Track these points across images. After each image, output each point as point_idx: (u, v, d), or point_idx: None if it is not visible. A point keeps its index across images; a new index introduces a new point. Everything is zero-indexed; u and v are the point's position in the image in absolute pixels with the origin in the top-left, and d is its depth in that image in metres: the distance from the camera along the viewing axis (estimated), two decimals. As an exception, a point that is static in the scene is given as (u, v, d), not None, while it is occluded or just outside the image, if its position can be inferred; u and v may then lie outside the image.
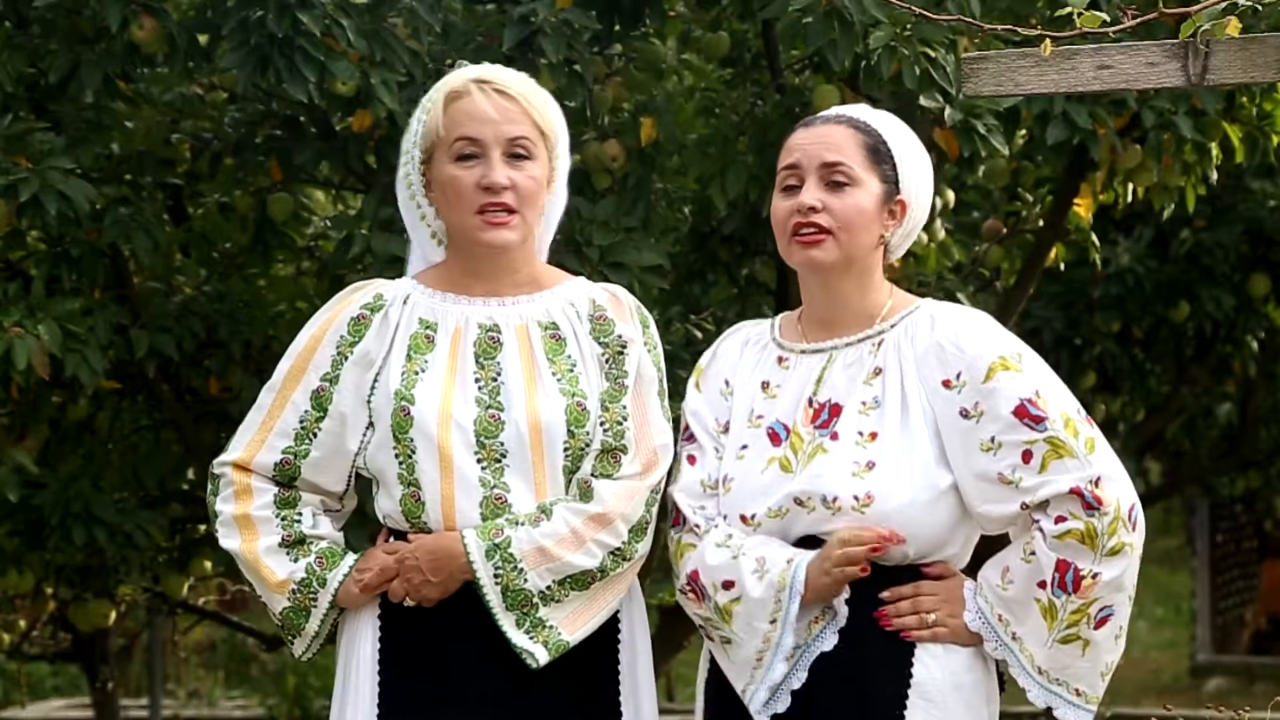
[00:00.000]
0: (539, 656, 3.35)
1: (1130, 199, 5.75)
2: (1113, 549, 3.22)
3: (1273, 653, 13.61)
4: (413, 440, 3.38)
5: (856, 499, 3.28)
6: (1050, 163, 5.99)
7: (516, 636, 3.36)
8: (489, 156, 3.41)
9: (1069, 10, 3.34)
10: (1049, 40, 3.33)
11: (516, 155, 3.42)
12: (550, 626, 3.37)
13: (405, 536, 3.43)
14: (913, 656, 3.30)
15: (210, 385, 5.59)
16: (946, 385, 3.31)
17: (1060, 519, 3.22)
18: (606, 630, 3.45)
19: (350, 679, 3.44)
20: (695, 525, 3.40)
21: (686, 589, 3.39)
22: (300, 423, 3.45)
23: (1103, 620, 3.26)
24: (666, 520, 3.51)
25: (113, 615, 6.50)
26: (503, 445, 3.39)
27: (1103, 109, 5.14)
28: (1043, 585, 3.24)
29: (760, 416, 3.42)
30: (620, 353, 3.49)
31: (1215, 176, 5.56)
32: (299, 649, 3.50)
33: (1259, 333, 8.25)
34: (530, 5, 4.95)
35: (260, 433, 3.47)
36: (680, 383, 5.08)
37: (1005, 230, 6.28)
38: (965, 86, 3.49)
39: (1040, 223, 6.09)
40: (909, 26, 4.67)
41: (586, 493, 3.41)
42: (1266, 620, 13.91)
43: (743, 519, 3.37)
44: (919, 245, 5.68)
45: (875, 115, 3.44)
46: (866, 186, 3.36)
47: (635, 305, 3.56)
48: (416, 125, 3.48)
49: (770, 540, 3.34)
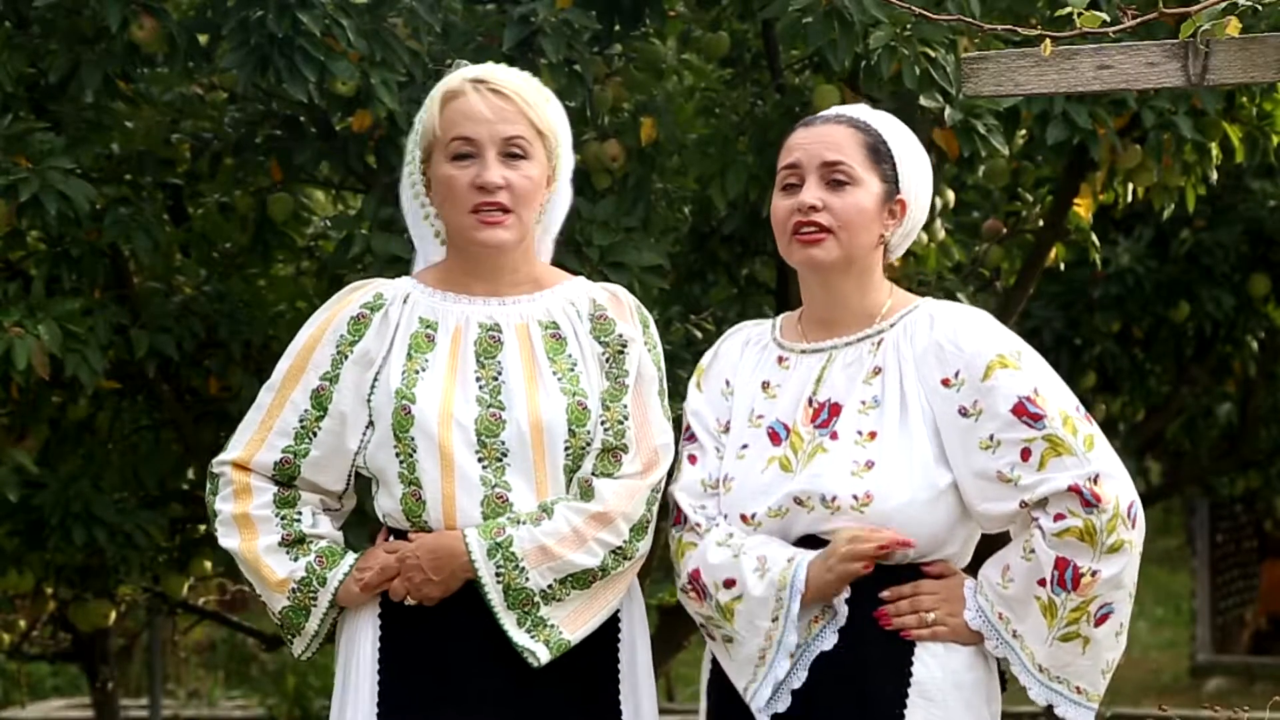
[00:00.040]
0: (540, 655, 3.35)
1: (1130, 199, 5.75)
2: (1112, 546, 3.22)
3: (1273, 653, 13.61)
4: (413, 439, 3.38)
5: (855, 498, 3.28)
6: (1050, 163, 5.98)
7: (518, 635, 3.36)
8: (484, 156, 3.41)
9: (1069, 10, 3.34)
10: (1049, 40, 3.33)
11: (512, 155, 3.42)
12: (551, 625, 3.37)
13: (405, 535, 3.43)
14: (912, 655, 3.30)
15: (210, 385, 5.59)
16: (945, 384, 3.31)
17: (1059, 516, 3.22)
18: (606, 629, 3.45)
19: (350, 678, 3.44)
20: (696, 524, 3.40)
21: (688, 588, 3.39)
22: (300, 422, 3.46)
23: (1103, 618, 3.26)
24: (667, 520, 3.51)
25: (113, 615, 6.50)
26: (504, 444, 3.39)
27: (1103, 109, 5.14)
28: (1042, 583, 3.24)
29: (760, 416, 3.42)
30: (621, 352, 3.49)
31: (1215, 176, 5.56)
32: (298, 648, 3.51)
33: (1259, 333, 8.25)
34: (530, 5, 4.95)
35: (260, 432, 3.48)
36: (680, 383, 5.07)
37: (1005, 230, 6.27)
38: (965, 86, 3.49)
39: (1040, 223, 6.09)
40: (909, 26, 4.66)
41: (587, 492, 3.41)
42: (1266, 620, 13.91)
43: (743, 519, 3.37)
44: (919, 245, 5.68)
45: (875, 115, 3.45)
46: (867, 186, 3.36)
47: (635, 305, 3.56)
48: (417, 125, 3.50)
49: (771, 539, 3.34)
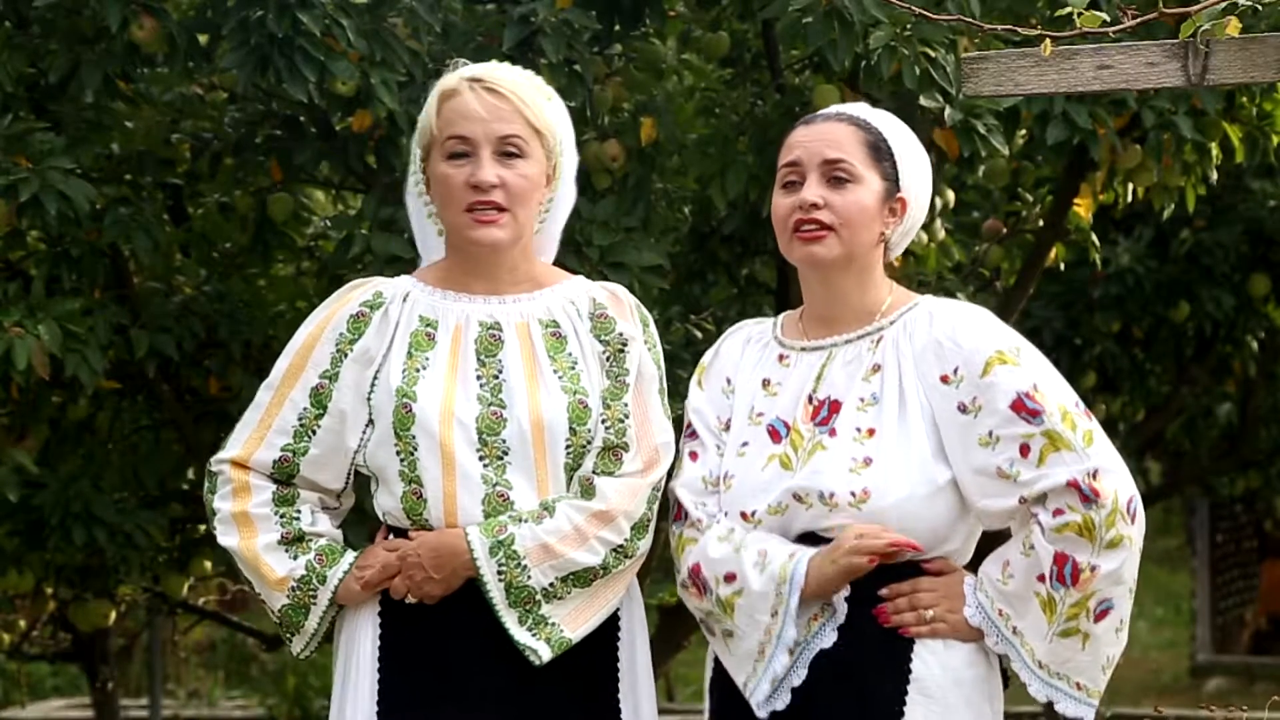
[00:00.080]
0: (542, 653, 3.36)
1: (1130, 199, 5.75)
2: (1111, 541, 3.21)
3: (1273, 653, 13.61)
4: (414, 437, 3.38)
5: (853, 495, 3.28)
6: (1050, 163, 5.98)
7: (519, 633, 3.36)
8: (479, 155, 3.41)
9: (1069, 10, 3.34)
10: (1049, 40, 3.33)
11: (508, 154, 3.42)
12: (552, 624, 3.37)
13: (405, 534, 3.43)
14: (911, 653, 3.29)
15: (210, 385, 5.59)
16: (944, 380, 3.31)
17: (1058, 512, 3.22)
18: (606, 628, 3.45)
19: (350, 676, 3.44)
20: (697, 520, 3.40)
21: (688, 583, 3.39)
22: (299, 420, 3.46)
23: (1102, 614, 3.25)
24: (666, 519, 3.51)
25: (113, 615, 6.50)
26: (504, 442, 3.39)
27: (1103, 109, 5.14)
28: (1042, 579, 3.24)
29: (761, 414, 3.43)
30: (621, 351, 3.49)
31: (1215, 176, 5.56)
32: (297, 647, 3.50)
33: (1259, 333, 8.24)
34: (530, 5, 4.95)
35: (258, 430, 3.47)
36: (680, 382, 5.07)
37: (1005, 230, 6.27)
38: (965, 86, 3.49)
39: (1040, 223, 6.09)
40: (909, 26, 4.66)
41: (588, 490, 3.41)
42: (1266, 620, 13.91)
43: (743, 516, 3.37)
44: (919, 245, 5.68)
45: (875, 114, 3.45)
46: (867, 184, 3.36)
47: (635, 304, 3.56)
48: (419, 124, 3.50)
49: (771, 535, 3.34)
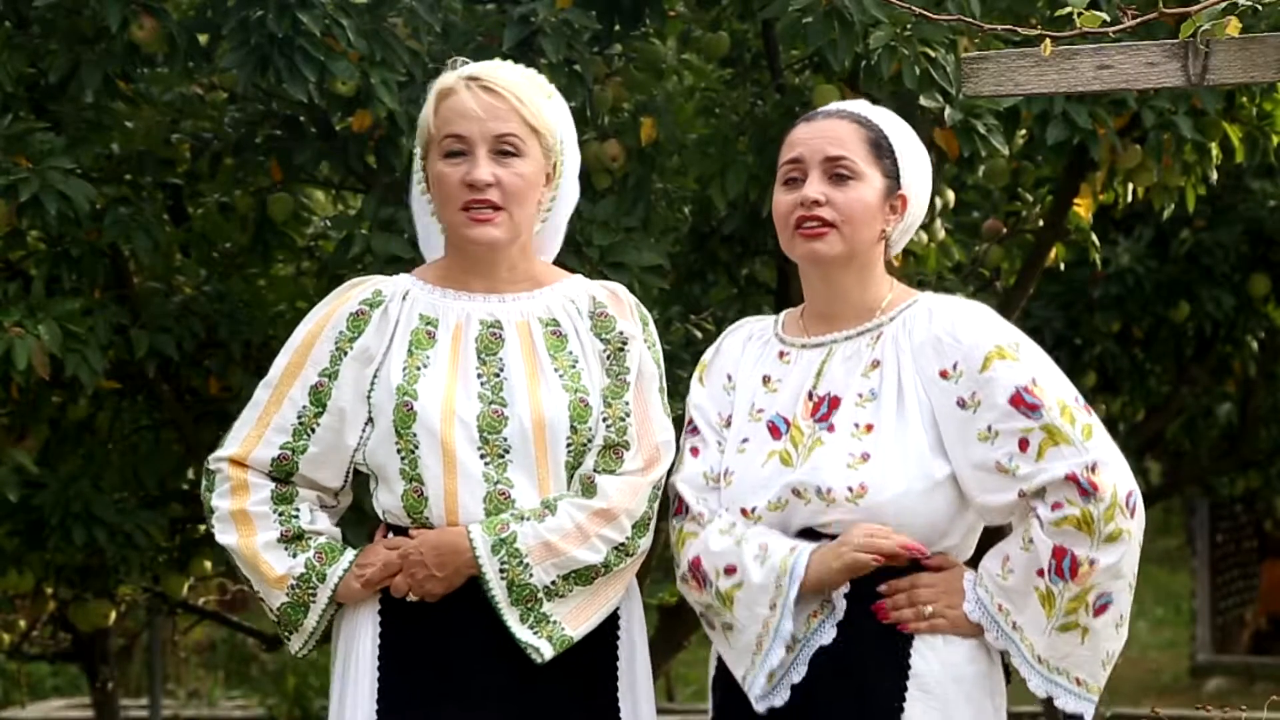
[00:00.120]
0: (544, 651, 3.36)
1: (1130, 199, 5.75)
2: (1110, 535, 3.21)
3: (1273, 653, 13.61)
4: (415, 435, 3.38)
5: (850, 490, 3.28)
6: (1050, 163, 5.98)
7: (521, 632, 3.36)
8: (474, 154, 3.42)
9: (1069, 10, 3.34)
10: (1049, 40, 3.33)
11: (504, 152, 3.43)
12: (554, 622, 3.38)
13: (405, 532, 3.43)
14: (910, 649, 3.30)
15: (210, 385, 5.59)
16: (944, 376, 3.31)
17: (1057, 505, 3.22)
18: (606, 627, 3.45)
19: (349, 675, 3.44)
20: (699, 514, 3.41)
21: (688, 576, 3.40)
22: (298, 418, 3.46)
23: (1102, 608, 3.25)
24: (666, 519, 3.51)
25: (113, 615, 6.49)
26: (506, 441, 3.39)
27: (1103, 109, 5.14)
28: (1041, 573, 3.24)
29: (761, 410, 3.43)
30: (621, 349, 3.49)
31: (1215, 176, 5.56)
32: (296, 645, 3.50)
33: (1259, 333, 8.24)
34: (530, 5, 4.95)
35: (257, 428, 3.47)
36: (680, 382, 5.07)
37: (1005, 230, 6.27)
38: (965, 86, 3.49)
39: (1040, 223, 6.08)
40: (909, 26, 4.66)
41: (589, 488, 3.41)
42: (1266, 620, 13.91)
43: (743, 512, 3.37)
44: (919, 245, 5.68)
45: (876, 111, 3.46)
46: (869, 181, 3.37)
47: (634, 303, 3.57)
48: (418, 123, 3.51)
49: (772, 531, 3.34)
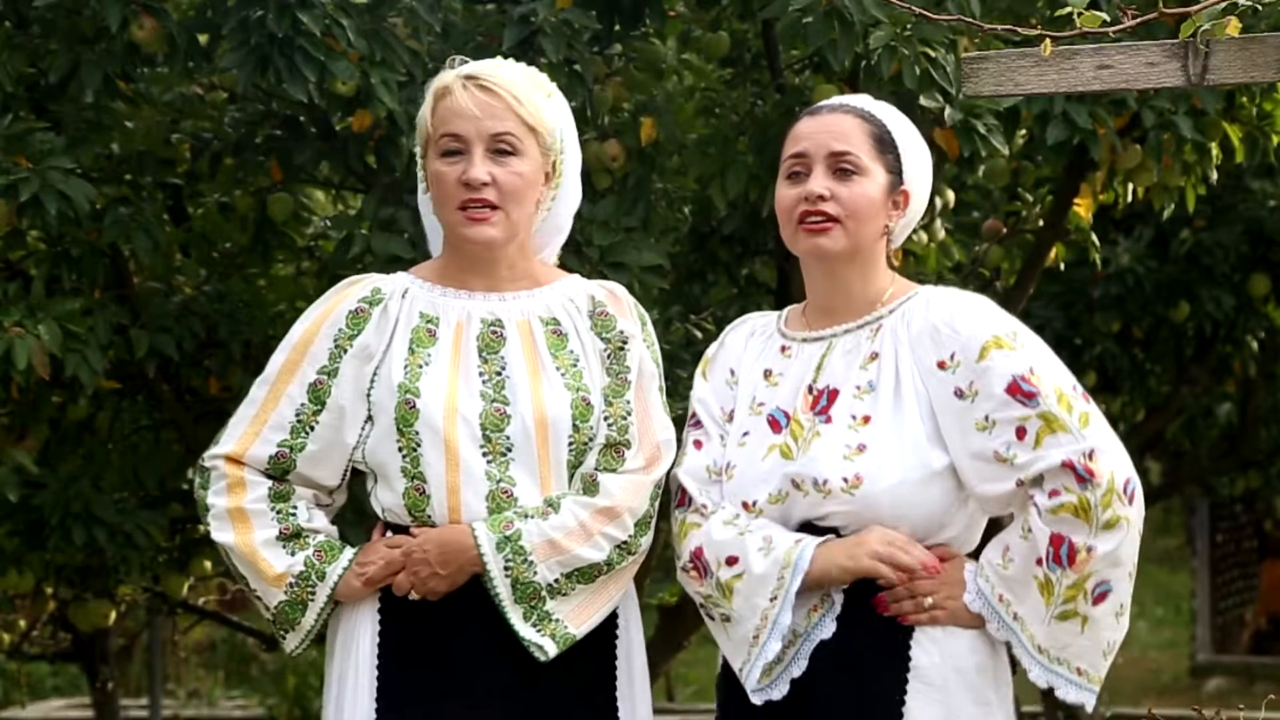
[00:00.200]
0: (548, 649, 3.36)
1: (1130, 199, 5.74)
2: (1108, 522, 3.21)
3: (1273, 653, 13.61)
4: (418, 433, 3.38)
5: (846, 480, 3.28)
6: (1050, 163, 5.98)
7: (524, 630, 3.36)
8: (471, 153, 3.42)
9: (1069, 10, 3.34)
10: (1049, 40, 3.33)
11: (501, 151, 3.43)
12: (557, 620, 3.38)
13: (405, 530, 3.43)
14: (911, 641, 3.30)
15: (210, 385, 5.59)
16: (941, 366, 3.31)
17: (1054, 493, 3.22)
18: (605, 627, 3.46)
19: (348, 674, 3.44)
20: (701, 506, 3.41)
21: (689, 566, 3.39)
22: (296, 416, 3.45)
23: (1101, 596, 3.24)
24: (665, 518, 3.51)
25: (113, 615, 6.49)
26: (508, 439, 3.39)
27: (1103, 109, 5.14)
28: (1039, 562, 3.23)
29: (762, 404, 3.44)
30: (622, 348, 3.50)
31: (1215, 176, 5.55)
32: (291, 644, 3.49)
33: (1259, 333, 8.23)
34: (530, 5, 4.95)
35: (253, 426, 3.47)
36: (680, 382, 5.07)
37: (1005, 230, 6.27)
38: (965, 86, 3.49)
39: (1040, 223, 6.08)
40: (909, 26, 4.66)
41: (591, 487, 3.42)
42: (1266, 620, 13.91)
43: (744, 506, 3.38)
44: (919, 245, 5.68)
45: (879, 105, 3.46)
46: (873, 176, 3.37)
47: (632, 302, 3.58)
48: (417, 121, 3.52)
49: (776, 524, 3.34)
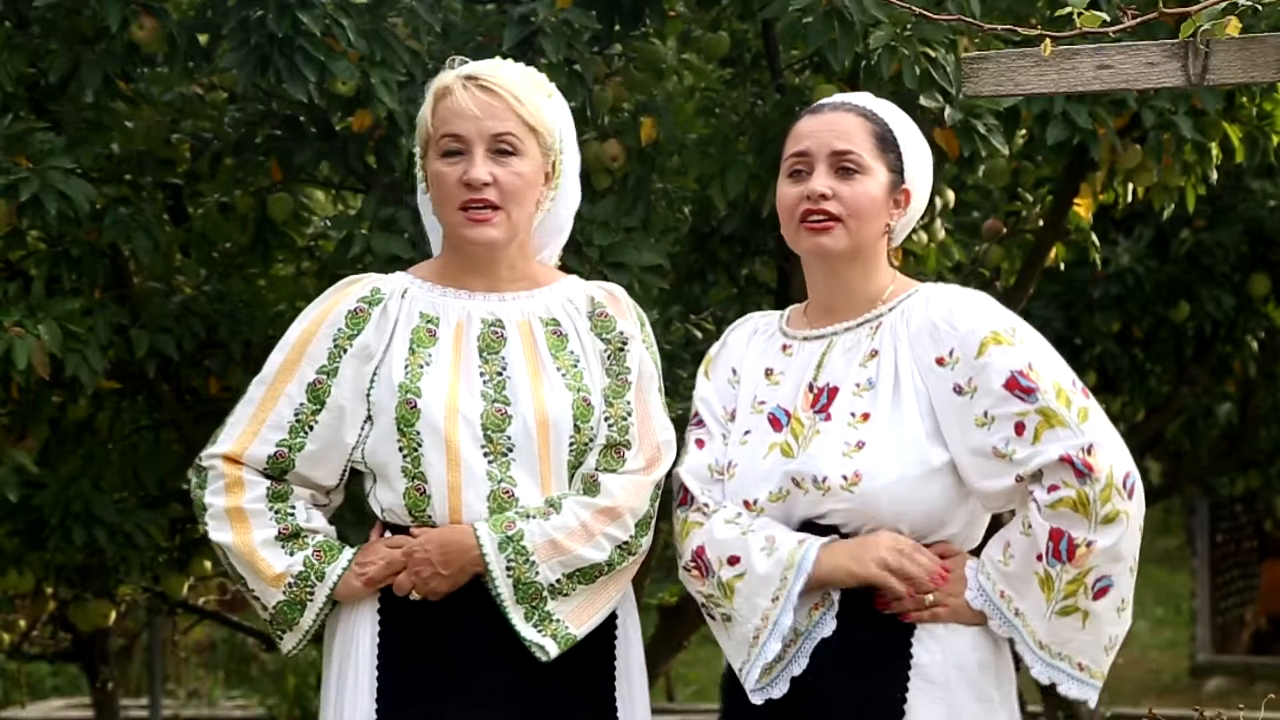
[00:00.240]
0: (549, 650, 3.37)
1: (1130, 199, 5.74)
2: (1107, 516, 3.20)
3: (1273, 653, 13.61)
4: (419, 433, 3.38)
5: (845, 478, 3.28)
6: (1050, 163, 5.97)
7: (526, 630, 3.36)
8: (471, 153, 3.42)
9: (1069, 10, 3.34)
10: (1049, 40, 3.33)
11: (502, 151, 3.43)
12: (558, 620, 3.38)
13: (405, 531, 3.43)
14: (912, 639, 3.30)
15: (210, 385, 5.58)
16: (940, 363, 3.31)
17: (1053, 488, 3.22)
18: (604, 628, 3.46)
19: (347, 674, 3.44)
20: (703, 505, 3.41)
21: (690, 565, 3.40)
22: (295, 415, 3.45)
23: (1101, 591, 3.23)
24: (665, 518, 3.51)
25: (113, 615, 6.49)
26: (510, 439, 3.40)
27: (1103, 109, 5.14)
28: (1039, 557, 3.23)
29: (763, 402, 3.44)
30: (621, 349, 3.50)
31: (1215, 176, 5.55)
32: (289, 644, 3.49)
33: (1259, 333, 8.23)
34: (530, 5, 4.94)
35: (251, 425, 3.47)
36: (679, 382, 5.07)
37: (1005, 230, 6.27)
38: (965, 86, 3.49)
39: (1040, 223, 6.08)
40: (909, 26, 4.66)
41: (592, 487, 3.42)
42: (1266, 620, 13.91)
43: (746, 505, 3.38)
44: (919, 245, 5.68)
45: (880, 104, 3.47)
46: (875, 175, 3.37)
47: (631, 303, 3.58)
48: (417, 122, 3.51)
49: (778, 523, 3.34)
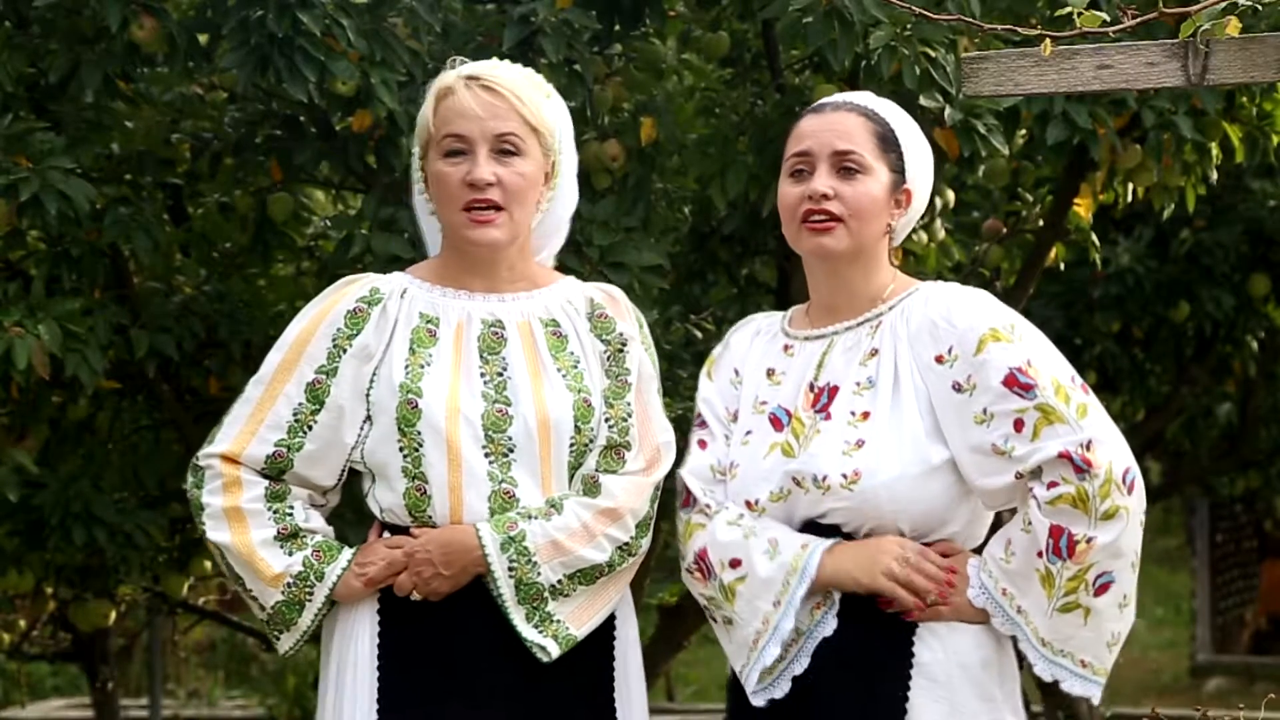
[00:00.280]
0: (550, 650, 3.37)
1: (1130, 199, 5.74)
2: (1107, 512, 3.20)
3: (1273, 653, 13.61)
4: (420, 434, 3.38)
5: (844, 477, 3.28)
6: (1050, 163, 5.97)
7: (527, 630, 3.37)
8: (475, 153, 3.42)
9: (1069, 10, 3.34)
10: (1049, 40, 3.33)
11: (504, 151, 3.43)
12: (558, 621, 3.38)
13: (404, 531, 3.43)
14: (914, 637, 3.29)
15: (210, 385, 5.58)
16: (939, 360, 3.31)
17: (1052, 484, 3.21)
18: (603, 628, 3.46)
19: (346, 674, 3.43)
20: (706, 506, 3.41)
21: (693, 567, 3.40)
22: (294, 415, 3.45)
23: (1103, 587, 3.23)
24: (665, 518, 3.52)
25: (113, 615, 6.49)
26: (510, 440, 3.39)
27: (1103, 109, 5.14)
28: (1040, 554, 3.22)
29: (764, 403, 3.44)
30: (621, 350, 3.50)
31: (1215, 176, 5.55)
32: (286, 644, 3.49)
33: (1259, 333, 8.23)
34: (530, 5, 4.94)
35: (249, 425, 3.46)
36: (679, 382, 5.07)
37: (1005, 230, 6.27)
38: (965, 86, 3.49)
39: (1040, 223, 6.08)
40: (909, 26, 4.66)
41: (592, 488, 3.42)
42: (1266, 620, 13.91)
43: (747, 505, 3.38)
44: (919, 245, 5.68)
45: (882, 103, 3.46)
46: (877, 175, 3.37)
47: (630, 304, 3.58)
48: (417, 122, 3.51)
49: (781, 525, 3.34)
